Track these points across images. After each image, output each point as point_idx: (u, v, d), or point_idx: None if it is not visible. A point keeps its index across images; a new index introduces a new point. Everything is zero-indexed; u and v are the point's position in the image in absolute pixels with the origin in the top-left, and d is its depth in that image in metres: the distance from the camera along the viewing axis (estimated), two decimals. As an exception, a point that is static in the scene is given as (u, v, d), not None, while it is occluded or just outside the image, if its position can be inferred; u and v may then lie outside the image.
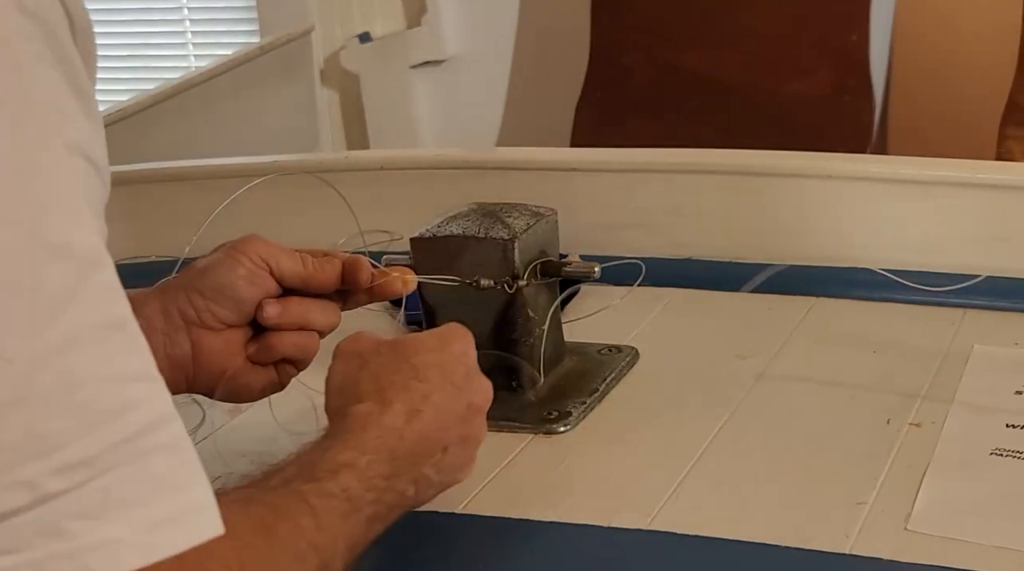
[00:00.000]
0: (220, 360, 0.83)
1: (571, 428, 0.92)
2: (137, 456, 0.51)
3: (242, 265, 0.82)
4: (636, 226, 1.21)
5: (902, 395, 0.94)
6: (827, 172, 1.17)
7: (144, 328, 0.80)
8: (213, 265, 0.83)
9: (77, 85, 0.55)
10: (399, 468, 0.72)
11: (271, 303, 0.83)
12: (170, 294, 0.83)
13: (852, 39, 2.21)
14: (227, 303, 0.82)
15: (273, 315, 0.83)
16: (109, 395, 0.51)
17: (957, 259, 1.11)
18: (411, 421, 0.74)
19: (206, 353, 0.82)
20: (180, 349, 0.82)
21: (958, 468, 0.84)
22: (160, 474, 0.52)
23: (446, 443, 0.76)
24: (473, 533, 0.81)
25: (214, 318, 0.82)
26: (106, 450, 0.50)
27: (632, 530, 0.80)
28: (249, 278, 0.82)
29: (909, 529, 0.78)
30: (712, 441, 0.89)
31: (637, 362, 1.02)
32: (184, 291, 0.82)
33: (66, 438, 0.50)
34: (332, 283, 0.85)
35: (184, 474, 0.53)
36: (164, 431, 0.53)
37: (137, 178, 1.37)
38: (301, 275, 0.84)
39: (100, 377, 0.51)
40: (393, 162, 1.31)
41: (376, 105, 2.50)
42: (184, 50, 2.79)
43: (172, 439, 0.53)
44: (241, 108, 2.19)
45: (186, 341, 0.82)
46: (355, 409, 0.73)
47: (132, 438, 0.51)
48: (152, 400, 0.53)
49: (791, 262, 1.16)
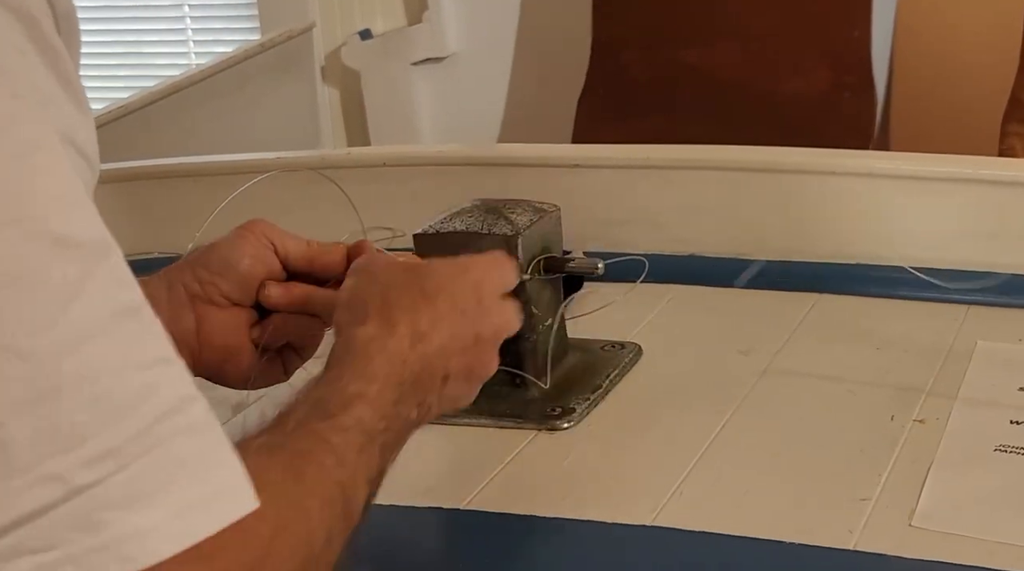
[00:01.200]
0: (224, 336, 0.82)
1: (575, 424, 0.92)
2: (162, 441, 0.51)
3: (247, 242, 0.83)
4: (639, 222, 1.21)
5: (906, 391, 0.94)
6: (830, 168, 1.17)
7: None
8: (218, 242, 0.83)
9: (64, 74, 0.54)
10: (404, 394, 0.72)
11: (273, 284, 0.83)
12: (175, 271, 0.83)
13: (853, 36, 2.21)
14: (231, 277, 0.82)
15: (275, 295, 0.83)
16: (127, 383, 0.51)
17: (960, 255, 1.11)
18: (415, 345, 0.73)
19: (209, 328, 0.82)
20: (184, 324, 0.81)
21: (962, 464, 0.84)
22: (187, 457, 0.52)
23: (447, 372, 0.74)
24: (477, 529, 0.81)
25: (218, 292, 0.82)
26: (130, 439, 0.50)
27: (636, 526, 0.80)
28: (254, 255, 0.82)
29: (913, 525, 0.78)
30: (716, 437, 0.89)
31: (640, 358, 1.02)
32: (190, 266, 0.83)
33: (90, 430, 0.49)
34: (337, 266, 0.84)
35: (211, 454, 0.53)
36: (186, 413, 0.52)
37: (140, 175, 1.37)
38: (306, 255, 0.84)
39: (117, 366, 0.51)
40: (396, 159, 1.31)
41: (377, 102, 2.50)
42: (185, 47, 2.78)
43: (196, 420, 0.53)
44: (242, 105, 2.19)
45: (190, 316, 0.81)
46: (361, 333, 0.72)
47: (155, 424, 0.51)
48: (172, 383, 0.53)
49: (794, 258, 1.16)
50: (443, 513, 0.83)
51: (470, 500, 0.83)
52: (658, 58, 2.33)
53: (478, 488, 0.85)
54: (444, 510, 0.83)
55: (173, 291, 0.82)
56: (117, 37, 2.82)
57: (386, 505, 0.83)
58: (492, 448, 0.90)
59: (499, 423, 0.93)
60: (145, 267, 1.12)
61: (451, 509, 0.82)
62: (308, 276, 0.84)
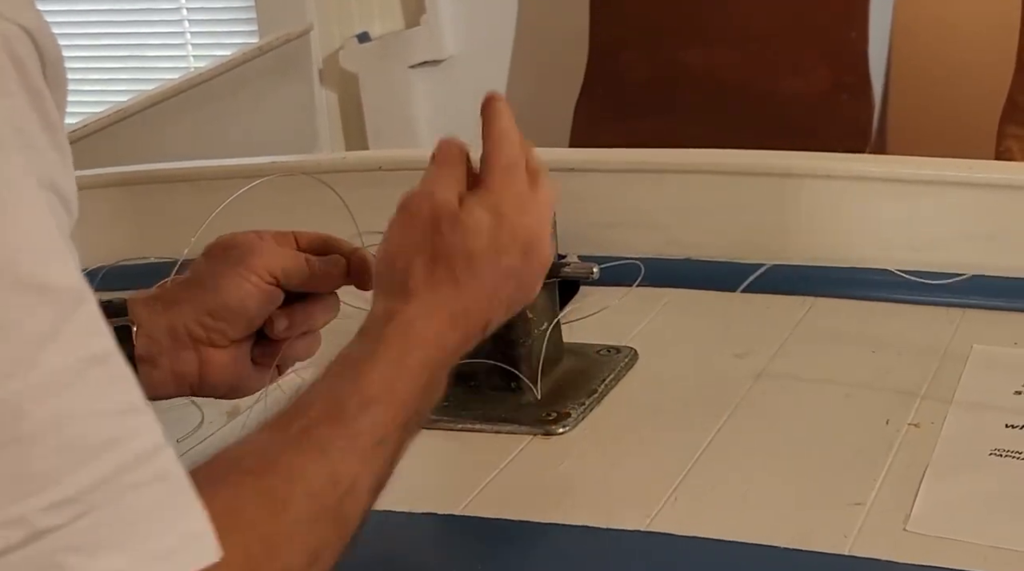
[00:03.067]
0: (227, 374, 0.84)
1: (570, 429, 0.92)
2: (127, 490, 0.51)
3: (251, 283, 0.83)
4: (634, 226, 1.21)
5: (901, 395, 0.94)
6: (826, 171, 1.17)
7: (149, 346, 0.81)
8: (223, 285, 0.83)
9: (47, 118, 0.54)
10: (437, 372, 0.71)
11: (280, 317, 0.84)
12: (176, 311, 0.83)
13: (851, 37, 2.21)
14: (237, 323, 0.83)
15: (283, 328, 0.84)
16: (95, 431, 0.51)
17: (956, 258, 1.11)
18: (456, 326, 0.72)
19: (214, 369, 0.84)
20: (187, 367, 0.83)
21: (957, 468, 0.84)
22: (152, 506, 0.52)
23: (487, 325, 0.75)
24: (472, 534, 0.81)
25: (223, 337, 0.83)
26: (96, 485, 0.50)
27: (631, 531, 0.80)
28: (259, 297, 0.83)
29: (908, 530, 0.78)
30: (711, 442, 0.89)
31: (636, 362, 1.02)
32: (192, 310, 0.83)
33: (55, 476, 0.50)
34: (337, 284, 0.86)
35: (176, 504, 0.53)
36: (153, 462, 0.52)
37: (136, 179, 1.37)
38: (306, 278, 0.85)
39: (85, 413, 0.51)
40: (391, 162, 1.31)
41: (375, 105, 2.50)
42: (183, 51, 2.78)
43: (162, 469, 0.53)
44: (240, 108, 2.19)
45: (193, 359, 0.83)
46: (402, 313, 0.70)
47: (121, 472, 0.51)
48: (140, 431, 0.53)
49: (790, 262, 1.16)
50: (438, 519, 0.83)
51: (465, 506, 0.83)
52: (657, 59, 2.33)
53: (473, 493, 0.85)
54: (439, 515, 0.83)
55: (175, 335, 0.82)
56: (116, 40, 2.82)
57: (381, 511, 0.84)
58: (487, 453, 0.90)
59: (494, 428, 0.93)
60: (141, 271, 1.12)
61: (446, 515, 0.82)
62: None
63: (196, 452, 0.94)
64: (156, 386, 0.82)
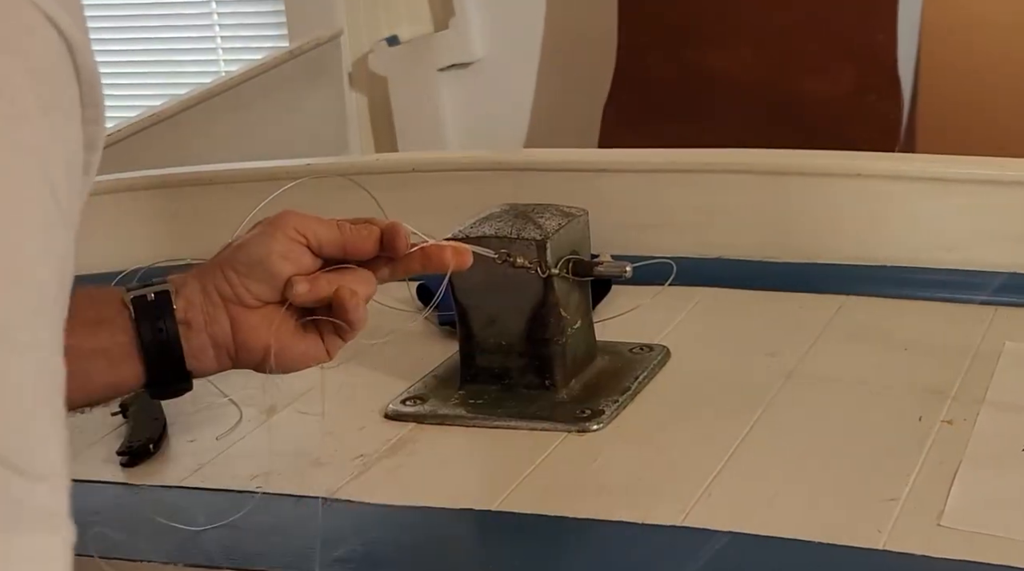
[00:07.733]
0: (258, 337, 0.82)
1: (604, 426, 0.93)
2: None
3: (277, 240, 0.82)
4: (666, 226, 1.21)
5: (933, 392, 0.94)
6: (856, 170, 1.18)
7: (184, 307, 0.80)
8: (248, 241, 0.83)
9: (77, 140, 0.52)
10: None
11: (300, 281, 0.82)
12: (208, 272, 0.83)
13: (878, 38, 2.21)
14: (261, 278, 0.81)
15: (302, 292, 0.81)
16: None
17: (987, 256, 1.11)
18: None
19: (244, 330, 0.82)
20: (220, 327, 0.81)
21: (991, 465, 0.84)
22: None
23: None
24: (508, 530, 0.82)
25: (250, 295, 0.82)
26: None
27: (665, 526, 0.80)
28: (284, 253, 0.82)
29: (942, 525, 0.78)
30: (744, 439, 0.90)
31: (668, 361, 1.02)
32: (220, 268, 0.82)
33: None
34: (370, 249, 0.84)
35: None
36: None
37: (173, 182, 1.38)
38: (338, 242, 0.83)
39: None
40: (425, 164, 1.32)
41: (404, 107, 2.51)
42: (214, 55, 2.81)
43: None
44: (271, 112, 2.21)
45: (225, 319, 0.82)
46: None
47: None
48: None
49: (820, 260, 1.16)
50: (474, 514, 0.83)
51: (501, 502, 0.84)
52: (685, 61, 2.33)
53: (509, 490, 0.85)
54: (475, 511, 0.83)
55: (207, 295, 0.82)
56: (148, 46, 2.85)
57: (418, 507, 0.85)
58: (522, 450, 0.91)
59: (529, 425, 0.94)
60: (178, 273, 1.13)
61: (482, 510, 0.83)
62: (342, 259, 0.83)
63: (236, 448, 0.95)
64: (196, 354, 0.81)
